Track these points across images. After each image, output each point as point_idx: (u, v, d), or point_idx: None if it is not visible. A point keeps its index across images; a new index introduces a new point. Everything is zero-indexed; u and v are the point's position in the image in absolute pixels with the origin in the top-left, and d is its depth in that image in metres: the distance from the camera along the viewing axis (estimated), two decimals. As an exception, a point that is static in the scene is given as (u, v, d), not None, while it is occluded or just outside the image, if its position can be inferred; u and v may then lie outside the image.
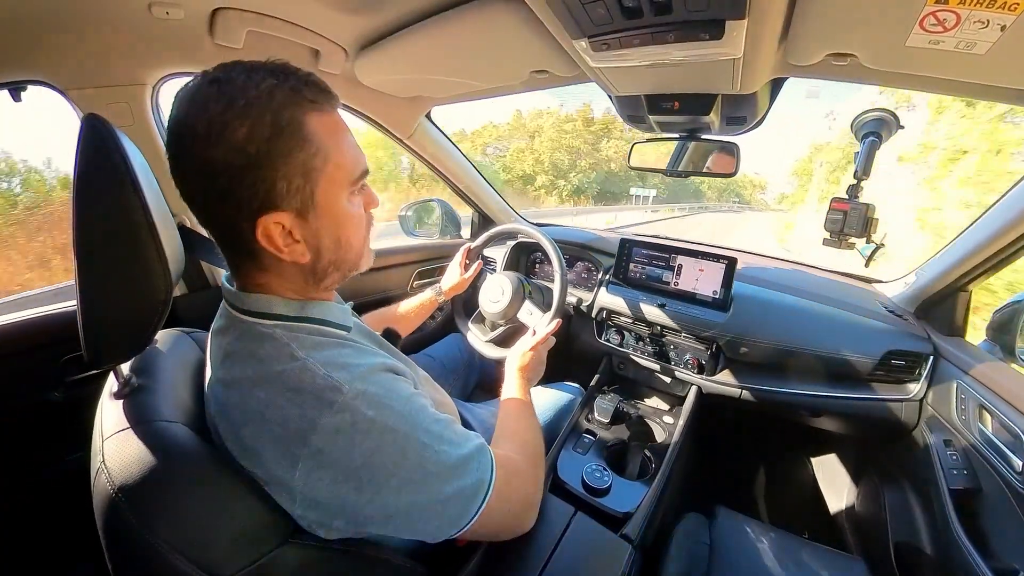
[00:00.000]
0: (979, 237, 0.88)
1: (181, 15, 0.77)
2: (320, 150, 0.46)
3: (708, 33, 0.61)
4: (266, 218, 0.45)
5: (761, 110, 0.95)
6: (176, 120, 0.43)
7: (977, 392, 0.84)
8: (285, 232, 0.46)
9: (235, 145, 0.41)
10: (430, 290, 1.20)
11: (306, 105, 0.45)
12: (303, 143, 0.44)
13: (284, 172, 0.44)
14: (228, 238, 0.48)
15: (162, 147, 0.95)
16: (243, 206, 0.44)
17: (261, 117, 0.42)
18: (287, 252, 0.47)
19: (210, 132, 0.41)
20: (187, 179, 0.45)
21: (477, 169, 1.64)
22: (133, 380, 0.53)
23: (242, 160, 0.42)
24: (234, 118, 0.41)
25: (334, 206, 0.49)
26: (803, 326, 1.08)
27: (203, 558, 0.40)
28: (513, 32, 0.78)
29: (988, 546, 0.77)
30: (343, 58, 1.00)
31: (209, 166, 0.42)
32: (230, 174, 0.42)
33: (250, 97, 0.42)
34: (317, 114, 0.46)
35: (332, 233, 0.50)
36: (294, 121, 0.44)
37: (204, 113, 0.41)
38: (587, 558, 0.66)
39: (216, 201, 0.44)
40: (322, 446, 0.43)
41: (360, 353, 0.53)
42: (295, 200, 0.46)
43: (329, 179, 0.47)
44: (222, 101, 0.41)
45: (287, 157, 0.44)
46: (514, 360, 0.91)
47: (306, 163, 0.45)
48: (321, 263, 0.51)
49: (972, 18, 0.50)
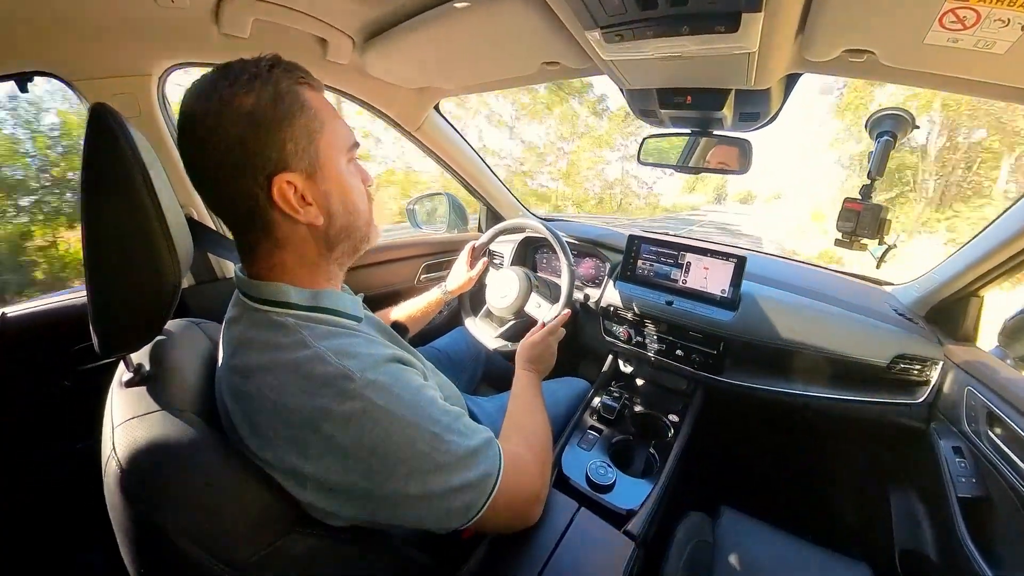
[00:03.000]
0: (992, 241, 0.86)
1: (187, 4, 0.76)
2: (317, 115, 0.51)
3: (723, 26, 0.59)
4: (279, 178, 0.48)
5: (775, 106, 0.93)
6: (187, 107, 0.47)
7: (987, 399, 0.83)
8: (298, 194, 0.49)
9: (243, 113, 0.46)
10: (436, 289, 1.21)
11: (300, 81, 0.50)
12: (303, 108, 0.49)
13: (290, 133, 0.48)
14: (243, 215, 0.50)
15: (169, 138, 0.96)
16: (257, 173, 0.47)
17: (263, 88, 0.47)
18: (302, 213, 0.50)
19: (221, 108, 0.45)
20: (201, 161, 0.48)
21: (486, 163, 1.63)
22: (143, 369, 0.54)
23: (251, 128, 0.46)
24: (239, 91, 0.46)
25: (336, 169, 0.53)
26: (811, 327, 1.06)
27: (213, 545, 0.41)
28: (525, 22, 0.77)
29: (996, 555, 0.76)
30: (351, 48, 0.99)
31: (223, 141, 0.46)
32: (243, 143, 0.46)
33: (251, 73, 0.47)
34: (310, 89, 0.51)
35: (339, 196, 0.54)
36: (291, 91, 0.49)
37: (213, 93, 0.46)
38: (590, 554, 0.66)
39: (231, 176, 0.47)
40: (333, 433, 0.44)
41: (371, 343, 0.53)
42: (303, 161, 0.49)
43: (328, 142, 0.52)
44: (227, 80, 0.46)
45: (291, 120, 0.48)
46: (524, 352, 0.91)
47: (308, 126, 0.49)
48: (333, 227, 0.54)
49: (992, 16, 0.49)
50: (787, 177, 19.49)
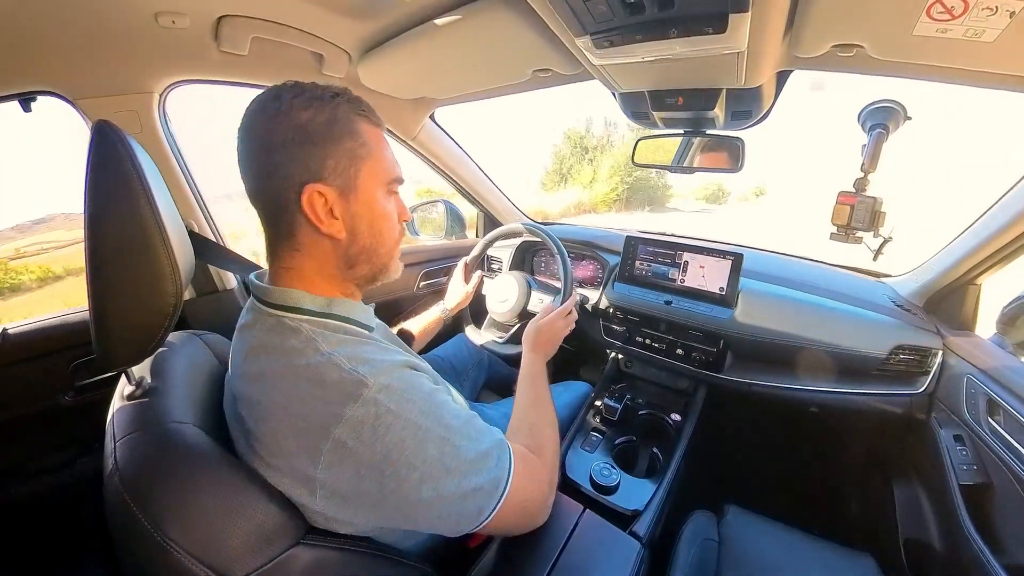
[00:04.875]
0: (989, 229, 0.87)
1: (187, 23, 0.78)
2: (366, 144, 0.54)
3: (711, 27, 0.60)
4: (311, 187, 0.50)
5: (766, 104, 0.94)
6: (254, 105, 0.51)
7: (987, 386, 0.83)
8: (327, 207, 0.51)
9: (296, 124, 0.49)
10: (435, 308, 1.23)
11: (360, 113, 0.54)
12: (354, 135, 0.52)
13: (334, 153, 0.51)
14: (272, 212, 0.53)
15: (170, 153, 0.97)
16: (294, 177, 0.50)
17: (322, 109, 0.51)
18: (326, 224, 0.52)
19: (278, 111, 0.49)
20: (250, 154, 0.51)
21: (482, 169, 1.64)
22: (144, 382, 0.54)
23: (300, 137, 0.49)
24: (300, 104, 0.50)
25: (371, 195, 0.55)
26: (810, 321, 1.07)
27: (215, 559, 0.41)
28: (515, 31, 0.79)
29: (999, 541, 0.76)
30: (346, 62, 1.01)
31: (271, 141, 0.49)
32: (288, 149, 0.49)
33: (316, 94, 0.51)
34: (367, 123, 0.55)
35: (368, 220, 0.55)
36: (348, 118, 0.52)
37: (277, 100, 0.50)
38: (596, 556, 0.66)
39: (270, 174, 0.50)
40: (345, 439, 0.44)
41: (383, 351, 0.54)
42: (340, 179, 0.52)
43: (370, 171, 0.54)
44: (293, 92, 0.51)
45: (338, 142, 0.51)
46: (531, 333, 0.93)
47: (353, 151, 0.52)
48: (355, 246, 0.56)
49: (980, 5, 0.50)
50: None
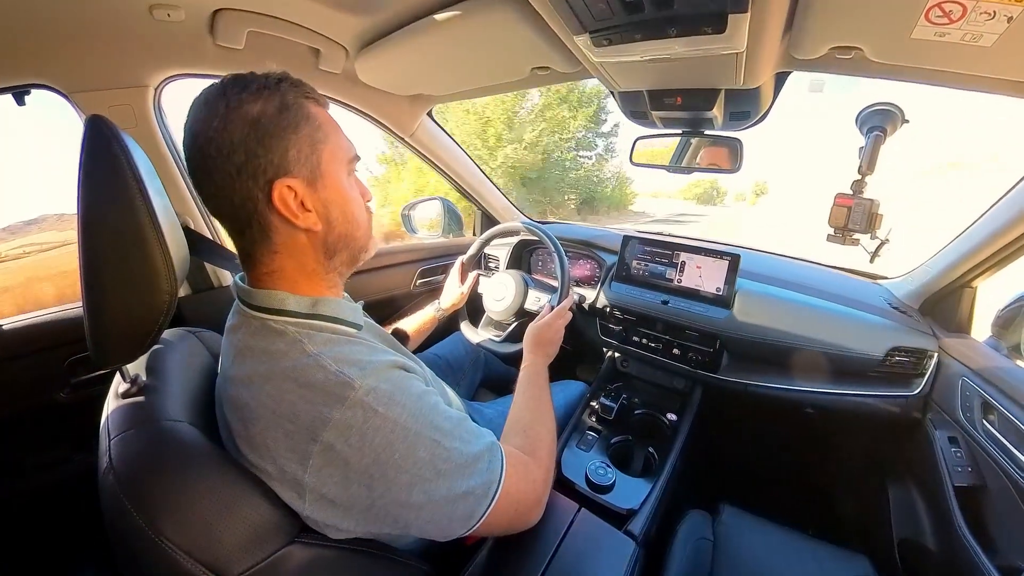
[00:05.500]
0: (984, 232, 0.87)
1: (182, 17, 0.77)
2: (321, 127, 0.52)
3: (710, 27, 0.60)
4: (280, 182, 0.48)
5: (765, 105, 0.94)
6: (195, 111, 0.48)
7: (982, 389, 0.83)
8: (297, 200, 0.50)
9: (249, 119, 0.47)
10: (430, 308, 1.22)
11: (306, 95, 0.52)
12: (307, 119, 0.51)
13: (294, 141, 0.49)
14: (243, 218, 0.50)
15: (165, 148, 0.96)
16: (259, 175, 0.48)
17: (270, 98, 0.48)
18: (301, 218, 0.51)
19: (227, 112, 0.47)
20: (204, 163, 0.48)
21: (479, 167, 1.64)
22: (139, 380, 0.54)
23: (256, 132, 0.47)
24: (248, 98, 0.47)
25: (337, 180, 0.54)
26: (806, 322, 1.07)
27: (209, 557, 0.41)
28: (514, 29, 0.78)
29: (992, 543, 0.76)
30: (344, 57, 1.00)
31: (227, 143, 0.47)
32: (246, 146, 0.47)
33: (260, 84, 0.49)
34: (315, 104, 0.53)
35: (339, 205, 0.54)
36: (298, 103, 0.50)
37: (222, 99, 0.47)
38: (591, 555, 0.66)
39: (233, 178, 0.48)
40: (333, 442, 0.44)
41: (372, 351, 0.53)
42: (305, 168, 0.50)
43: (330, 153, 0.53)
44: (236, 88, 0.48)
45: (296, 129, 0.49)
46: (533, 335, 0.92)
47: (312, 135, 0.51)
48: (332, 235, 0.55)
49: (979, 9, 0.50)
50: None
